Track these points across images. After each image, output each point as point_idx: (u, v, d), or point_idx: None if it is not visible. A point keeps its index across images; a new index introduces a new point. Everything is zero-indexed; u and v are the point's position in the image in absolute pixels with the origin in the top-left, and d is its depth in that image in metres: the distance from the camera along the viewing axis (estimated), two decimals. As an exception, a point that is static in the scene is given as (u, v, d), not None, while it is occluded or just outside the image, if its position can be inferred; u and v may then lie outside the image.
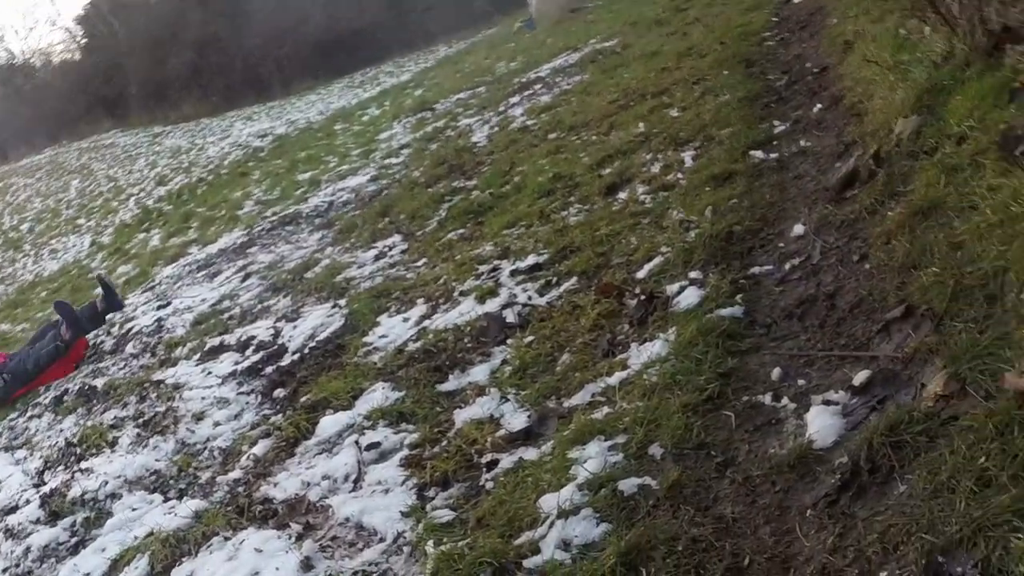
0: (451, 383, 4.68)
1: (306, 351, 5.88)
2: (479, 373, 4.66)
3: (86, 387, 6.83)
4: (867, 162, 4.90)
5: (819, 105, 6.86)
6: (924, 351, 3.13)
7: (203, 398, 5.72)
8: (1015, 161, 3.70)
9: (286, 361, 5.85)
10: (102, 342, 8.33)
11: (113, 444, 5.58)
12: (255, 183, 15.48)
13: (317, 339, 6.00)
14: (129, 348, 7.78)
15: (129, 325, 8.40)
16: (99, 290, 9.82)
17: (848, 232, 4.48)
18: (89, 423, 6.07)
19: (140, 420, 5.79)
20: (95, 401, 6.54)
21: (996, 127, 4.06)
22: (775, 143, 6.45)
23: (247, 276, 8.44)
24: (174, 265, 10.64)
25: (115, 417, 5.99)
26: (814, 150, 5.98)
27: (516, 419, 4.09)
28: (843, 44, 7.97)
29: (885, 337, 3.40)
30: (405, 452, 4.20)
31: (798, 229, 4.80)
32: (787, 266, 4.47)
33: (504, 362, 4.67)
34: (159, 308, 8.52)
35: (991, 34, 5.01)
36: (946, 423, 2.74)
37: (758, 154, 6.25)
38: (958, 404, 2.77)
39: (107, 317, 9.12)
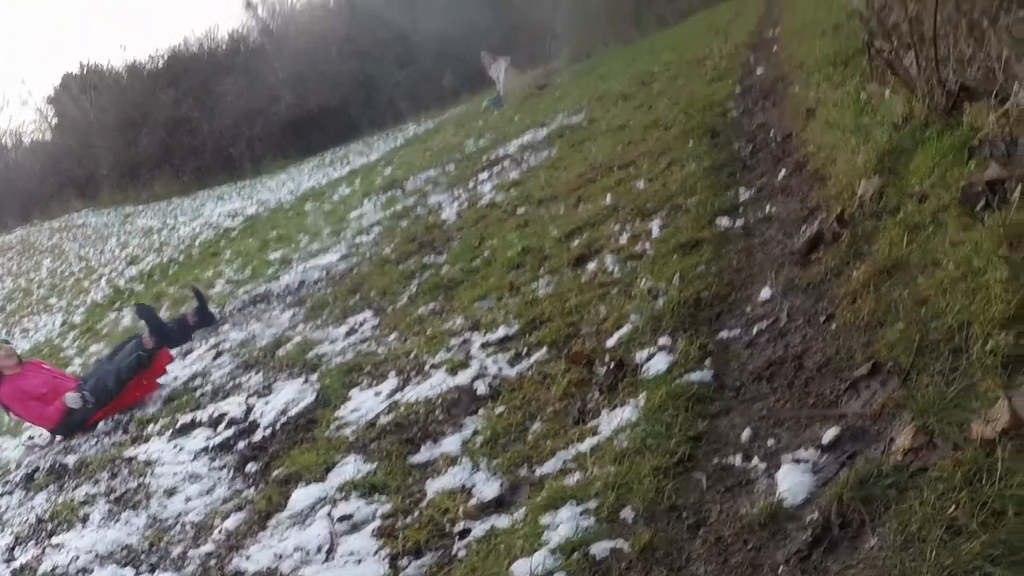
0: (423, 454, 4.66)
1: (278, 426, 5.86)
2: (451, 444, 4.64)
3: (57, 464, 6.77)
4: (831, 224, 4.94)
5: (783, 171, 6.92)
6: (892, 406, 3.14)
7: (175, 473, 5.69)
8: (976, 216, 3.75)
9: (258, 436, 5.83)
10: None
11: (85, 519, 5.51)
12: (226, 262, 15.51)
13: (289, 414, 5.97)
14: (101, 425, 7.78)
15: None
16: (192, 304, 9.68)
17: (814, 294, 4.50)
18: (60, 499, 6.01)
19: (112, 496, 5.73)
20: (66, 478, 6.49)
21: (956, 184, 4.11)
22: (741, 210, 6.50)
23: (219, 354, 8.43)
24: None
25: (87, 493, 5.92)
26: (779, 215, 6.03)
27: (488, 488, 4.07)
28: (805, 111, 8.08)
29: (853, 394, 3.41)
30: (378, 523, 4.17)
31: (765, 293, 4.81)
32: (755, 329, 4.47)
33: (475, 432, 4.66)
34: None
35: (949, 94, 5.10)
36: (915, 475, 2.74)
37: (724, 221, 6.28)
38: (927, 456, 2.77)
39: (194, 333, 9.01)
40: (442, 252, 9.15)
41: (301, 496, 4.68)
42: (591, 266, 6.53)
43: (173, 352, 8.75)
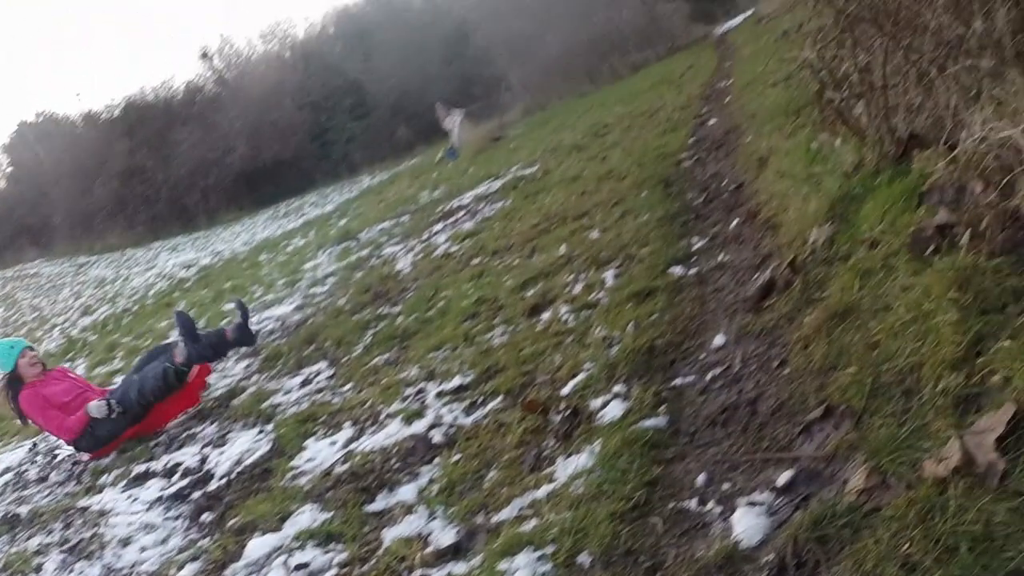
0: (379, 503, 4.63)
1: (233, 476, 5.81)
2: (407, 492, 4.62)
3: (10, 515, 6.65)
4: (783, 271, 4.99)
5: (736, 220, 6.99)
6: (845, 448, 3.17)
7: (129, 523, 5.62)
8: (926, 261, 3.80)
9: (213, 486, 5.77)
10: (26, 470, 8.08)
11: (38, 570, 5.43)
12: (180, 313, 15.36)
13: (244, 464, 5.93)
14: (54, 476, 7.63)
15: (55, 452, 8.25)
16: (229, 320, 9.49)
17: (767, 340, 4.54)
18: (13, 550, 5.90)
19: (66, 546, 5.64)
20: (19, 528, 6.36)
21: (906, 229, 4.17)
22: (694, 259, 6.55)
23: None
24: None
25: (40, 543, 5.83)
26: (732, 263, 6.08)
27: (445, 535, 4.05)
28: (758, 161, 8.17)
29: (807, 437, 3.43)
30: (334, 572, 4.14)
31: (718, 340, 4.85)
32: (709, 376, 4.50)
33: (431, 481, 4.63)
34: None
35: (899, 142, 5.18)
36: (869, 514, 2.76)
37: (678, 270, 6.33)
38: (880, 495, 2.79)
39: (231, 351, 8.73)
40: (397, 303, 9.14)
41: (257, 546, 4.63)
42: (546, 316, 6.55)
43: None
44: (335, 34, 50.26)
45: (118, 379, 10.56)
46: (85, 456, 7.96)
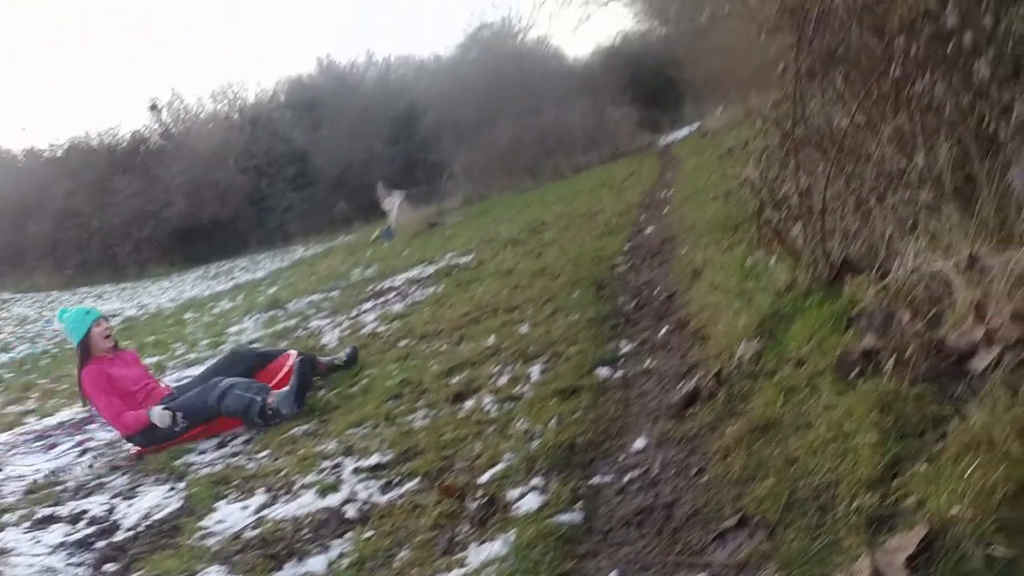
0: (287, 572, 4.57)
1: (140, 529, 5.70)
2: (316, 564, 4.56)
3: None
4: (709, 382, 5.06)
5: (665, 328, 7.07)
6: (757, 557, 3.21)
7: (30, 565, 5.47)
8: (850, 383, 3.89)
9: (119, 537, 5.66)
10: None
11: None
12: (100, 361, 15.15)
13: (153, 518, 5.83)
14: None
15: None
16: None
17: (688, 447, 4.58)
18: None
19: (-39, 584, 5.53)
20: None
21: (833, 351, 4.26)
22: (621, 362, 6.61)
23: (85, 451, 8.22)
24: (10, 433, 10.22)
25: (-66, 580, 5.71)
26: (658, 370, 6.14)
27: (350, 611, 4.03)
28: (692, 272, 8.29)
29: (720, 544, 3.47)
30: (235, 637, 4.10)
31: (639, 443, 4.88)
32: (627, 477, 4.53)
33: (342, 555, 4.59)
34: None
35: (832, 266, 5.30)
36: (777, 624, 2.80)
37: (604, 371, 6.38)
38: (789, 606, 2.84)
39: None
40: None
41: (159, 602, 4.58)
42: (469, 403, 6.55)
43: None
44: (285, 102, 50.32)
45: (30, 419, 10.39)
46: (134, 449, 7.78)
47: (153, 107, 50.05)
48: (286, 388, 7.84)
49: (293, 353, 8.64)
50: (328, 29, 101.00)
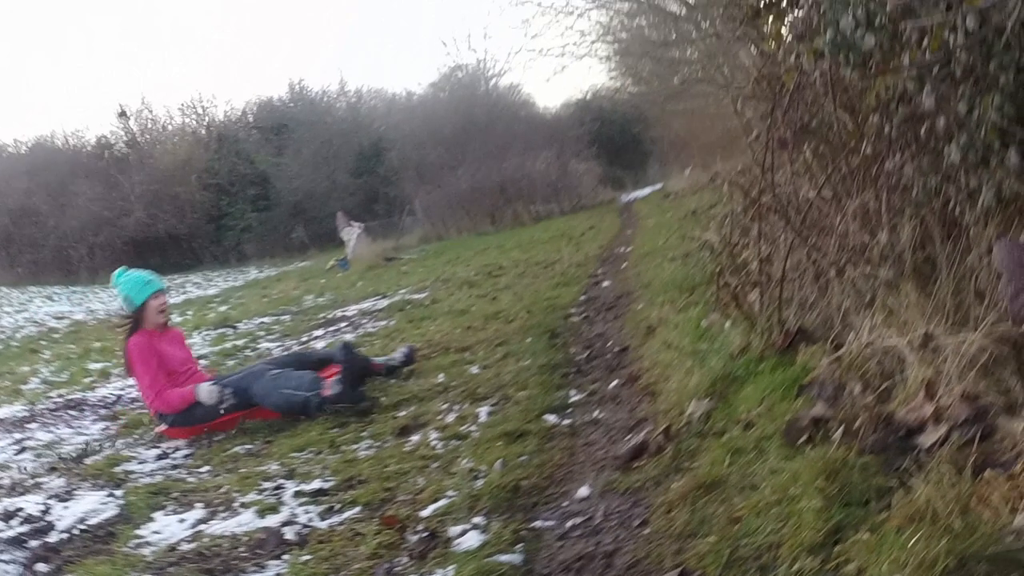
0: (221, 587, 4.57)
1: (75, 532, 5.63)
2: (251, 583, 4.57)
3: None
4: (657, 437, 5.10)
5: (616, 381, 7.12)
6: (696, 612, 3.25)
7: (-41, 559, 5.44)
8: (797, 449, 3.94)
9: (53, 538, 5.59)
10: None
11: None
12: (44, 362, 15.05)
13: (88, 523, 5.75)
14: None
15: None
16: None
17: (632, 499, 4.62)
18: None
19: None
20: None
21: (783, 417, 4.33)
22: (569, 410, 6.66)
23: (23, 449, 8.11)
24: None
25: None
26: (606, 421, 6.18)
27: (282, 633, 4.02)
28: (646, 328, 8.35)
29: (659, 597, 3.51)
30: (161, 649, 4.07)
31: (583, 491, 4.92)
32: (569, 524, 4.55)
33: (278, 576, 4.60)
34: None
35: (787, 334, 5.38)
36: None
37: (552, 418, 6.43)
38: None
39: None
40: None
41: (89, 607, 4.53)
42: (415, 438, 6.56)
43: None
44: (253, 123, 50.27)
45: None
46: (162, 427, 7.71)
47: (122, 114, 49.85)
48: (339, 375, 7.80)
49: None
50: (304, 53, 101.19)
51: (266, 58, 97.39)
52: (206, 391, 7.65)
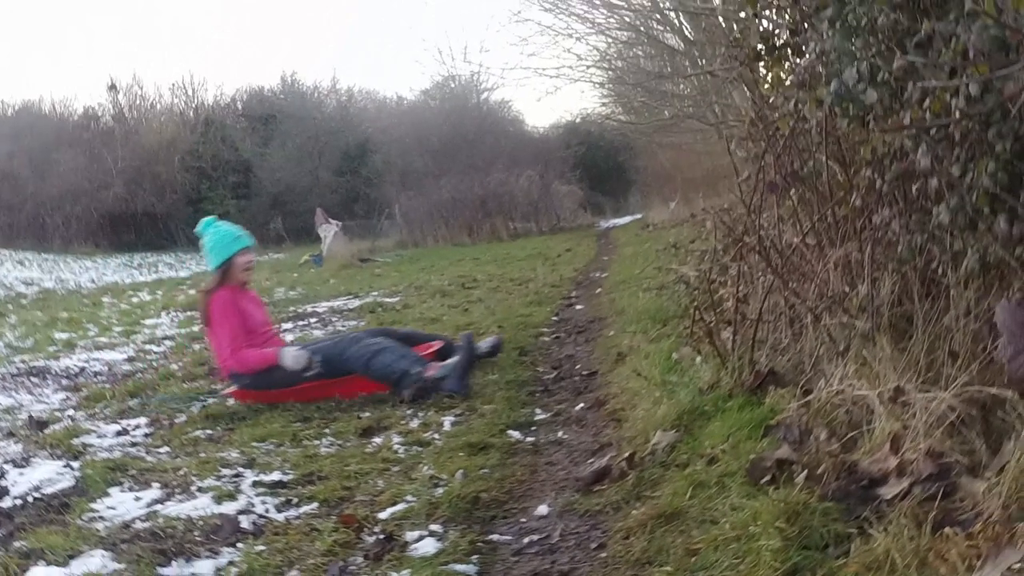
0: (173, 569, 4.52)
1: (29, 499, 5.62)
2: (204, 567, 4.52)
3: None
4: (620, 463, 5.13)
5: (582, 404, 7.15)
6: (648, 638, 3.28)
7: (-89, 521, 5.40)
8: (760, 488, 3.99)
9: (6, 503, 5.58)
10: None
11: None
12: (10, 327, 15.14)
13: (43, 491, 5.74)
14: None
15: None
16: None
17: (590, 522, 4.64)
18: None
19: None
20: None
21: (747, 456, 4.37)
22: (534, 428, 6.70)
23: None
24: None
25: None
26: (570, 442, 6.22)
27: (232, 619, 4.02)
28: (616, 355, 8.39)
29: (610, 621, 3.54)
30: (110, 624, 4.06)
31: (542, 509, 4.94)
32: (526, 540, 4.57)
33: (231, 563, 4.55)
34: None
35: (758, 374, 5.43)
36: None
37: (516, 434, 6.47)
38: None
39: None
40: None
41: (40, 574, 4.52)
42: (377, 440, 6.58)
43: None
44: (242, 111, 50.25)
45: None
46: (231, 388, 7.66)
47: (112, 87, 49.73)
48: (455, 359, 7.72)
49: (439, 343, 8.52)
50: (302, 49, 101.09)
51: (263, 51, 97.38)
52: (292, 355, 7.54)
